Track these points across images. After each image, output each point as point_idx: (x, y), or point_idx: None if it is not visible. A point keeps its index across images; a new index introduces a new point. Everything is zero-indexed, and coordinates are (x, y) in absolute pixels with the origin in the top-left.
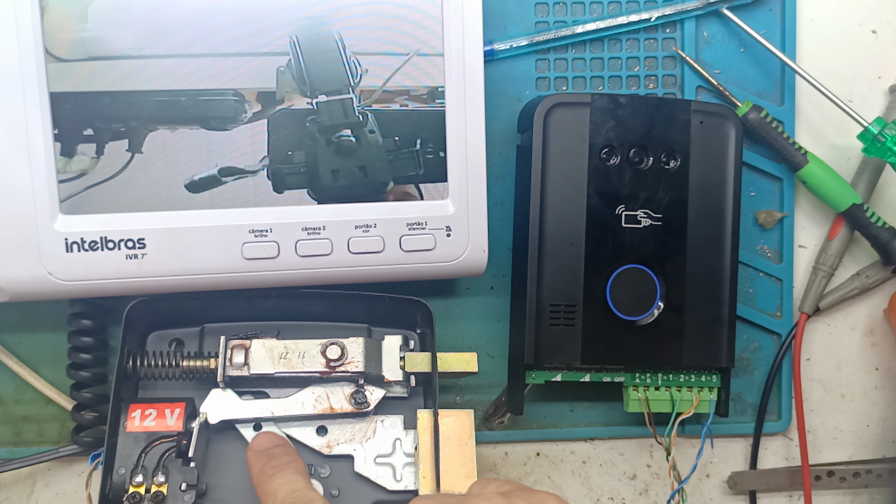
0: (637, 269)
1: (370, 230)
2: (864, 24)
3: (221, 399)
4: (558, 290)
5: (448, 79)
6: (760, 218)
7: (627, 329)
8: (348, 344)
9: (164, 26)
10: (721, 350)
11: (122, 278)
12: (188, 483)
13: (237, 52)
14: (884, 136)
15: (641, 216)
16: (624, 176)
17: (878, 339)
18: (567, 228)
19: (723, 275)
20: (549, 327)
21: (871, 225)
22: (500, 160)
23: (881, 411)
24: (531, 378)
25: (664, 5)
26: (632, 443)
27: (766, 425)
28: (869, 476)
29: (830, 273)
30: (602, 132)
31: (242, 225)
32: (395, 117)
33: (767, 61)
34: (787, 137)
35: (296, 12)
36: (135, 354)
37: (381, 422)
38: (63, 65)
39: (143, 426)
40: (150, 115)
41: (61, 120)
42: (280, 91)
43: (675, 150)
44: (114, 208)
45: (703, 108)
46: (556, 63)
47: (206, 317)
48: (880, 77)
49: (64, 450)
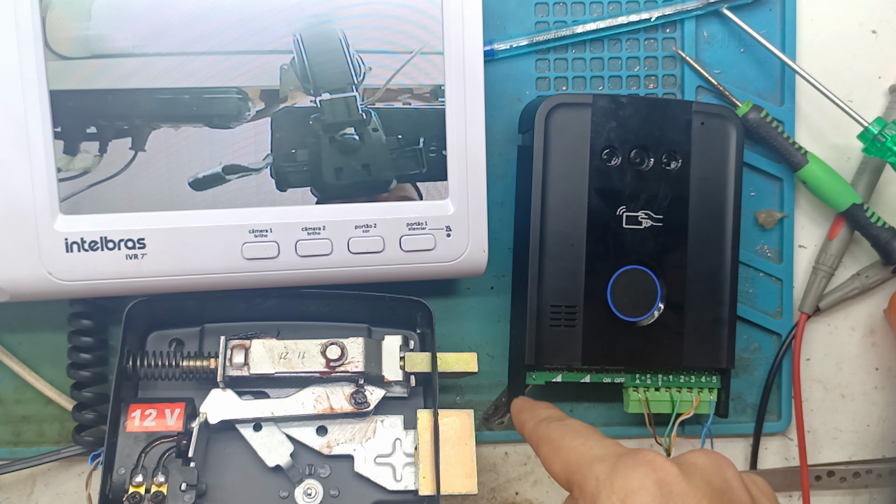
0: (638, 269)
1: (370, 230)
2: (864, 24)
3: (221, 399)
4: (559, 290)
5: (448, 78)
6: (760, 218)
7: (628, 330)
8: (348, 344)
9: (167, 24)
10: (721, 351)
11: (122, 278)
12: (188, 483)
13: (240, 50)
14: (884, 136)
15: (642, 217)
16: (625, 177)
17: (878, 339)
18: (568, 229)
19: (723, 276)
20: (549, 328)
21: (871, 225)
22: (500, 160)
23: (881, 411)
24: (531, 379)
25: (664, 5)
26: (631, 443)
27: (766, 425)
28: (869, 476)
29: (830, 273)
30: (603, 133)
31: (242, 225)
32: (398, 115)
33: (767, 61)
34: (787, 137)
35: (299, 11)
36: (135, 354)
37: (381, 422)
38: (65, 63)
39: (143, 426)
40: (154, 113)
41: (63, 118)
42: (283, 89)
43: (677, 151)
44: (114, 208)
45: (704, 109)
46: (556, 63)
47: (206, 317)
48: (880, 77)
49: (66, 451)
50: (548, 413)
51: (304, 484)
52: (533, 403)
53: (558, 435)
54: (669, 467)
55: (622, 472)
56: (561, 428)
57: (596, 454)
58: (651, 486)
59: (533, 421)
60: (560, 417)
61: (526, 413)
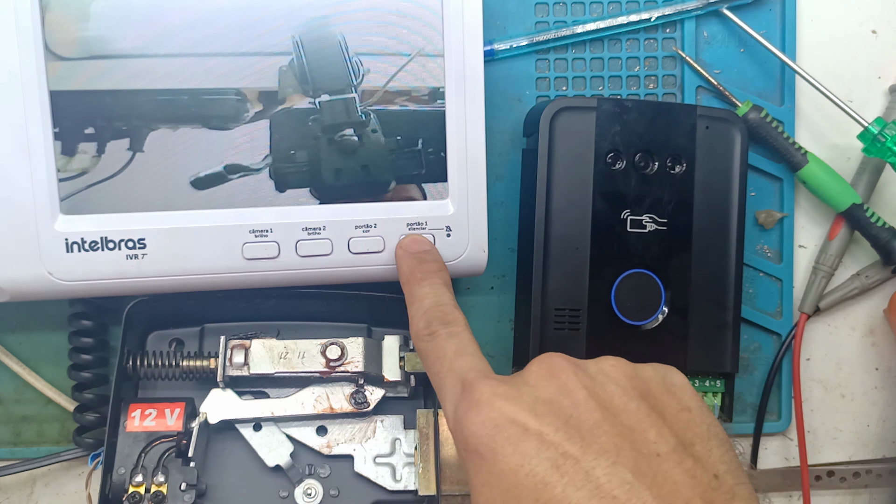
0: (642, 273)
1: (370, 230)
2: (864, 24)
3: (221, 399)
4: (563, 293)
5: (448, 79)
6: (760, 218)
7: (632, 334)
8: (348, 344)
9: (166, 26)
10: (725, 355)
11: (122, 278)
12: (188, 483)
13: (239, 52)
14: (884, 136)
15: (647, 221)
16: (629, 180)
17: (878, 339)
18: (572, 232)
19: (727, 280)
20: (553, 331)
21: (871, 225)
22: (500, 160)
23: (881, 411)
24: None
25: (664, 5)
26: None
27: (766, 425)
28: (869, 476)
29: (830, 273)
30: (608, 136)
31: (243, 225)
32: (397, 117)
33: (767, 61)
34: (787, 137)
35: (299, 13)
36: (135, 354)
37: (381, 422)
38: (64, 63)
39: (142, 426)
40: (152, 114)
41: (62, 119)
42: (282, 91)
43: (681, 155)
44: (114, 208)
45: (708, 112)
46: (556, 63)
47: (206, 317)
48: (880, 77)
49: (67, 453)
50: (436, 298)
51: (303, 484)
52: (419, 259)
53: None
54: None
55: None
56: (452, 343)
57: None
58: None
59: (418, 303)
60: (445, 307)
61: (412, 272)
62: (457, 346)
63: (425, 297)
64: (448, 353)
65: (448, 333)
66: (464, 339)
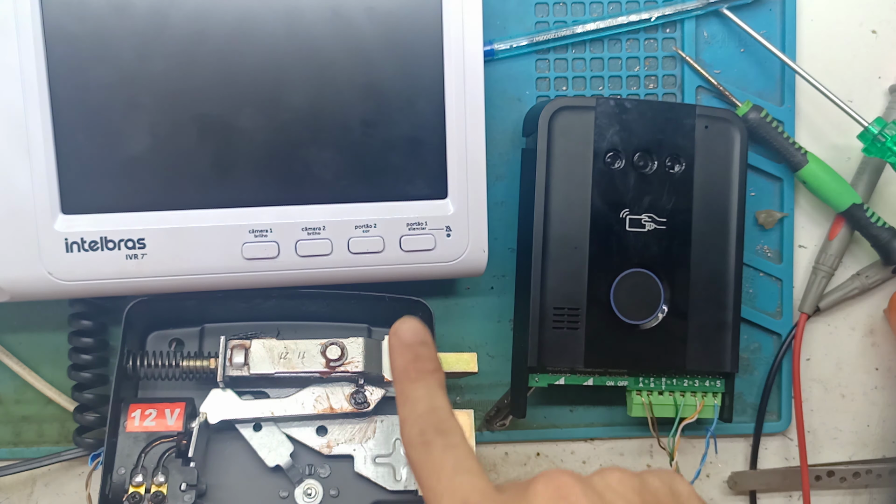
0: (641, 273)
1: (370, 230)
2: (864, 24)
3: (221, 399)
4: (562, 293)
5: (448, 79)
6: (760, 218)
7: (631, 333)
8: (348, 344)
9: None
10: (725, 355)
11: (122, 278)
12: (188, 483)
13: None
14: (884, 136)
15: (646, 220)
16: (628, 180)
17: (878, 339)
18: (571, 232)
19: (727, 280)
20: (552, 330)
21: (871, 225)
22: (500, 160)
23: (881, 411)
24: (534, 381)
25: (664, 5)
26: (632, 443)
27: (766, 425)
28: (869, 476)
29: (830, 273)
30: (607, 136)
31: (242, 225)
32: (397, 116)
33: (767, 61)
34: (787, 137)
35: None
36: (135, 354)
37: (380, 422)
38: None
39: (142, 426)
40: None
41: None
42: None
43: (680, 155)
44: (114, 208)
45: (708, 112)
46: (556, 63)
47: (206, 317)
48: (880, 77)
49: (67, 453)
50: (430, 402)
51: (303, 484)
52: (415, 355)
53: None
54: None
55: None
56: (449, 457)
57: None
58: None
59: (410, 405)
60: (441, 413)
61: (406, 369)
62: (455, 461)
63: (419, 399)
64: (446, 468)
65: (445, 445)
66: (462, 453)
